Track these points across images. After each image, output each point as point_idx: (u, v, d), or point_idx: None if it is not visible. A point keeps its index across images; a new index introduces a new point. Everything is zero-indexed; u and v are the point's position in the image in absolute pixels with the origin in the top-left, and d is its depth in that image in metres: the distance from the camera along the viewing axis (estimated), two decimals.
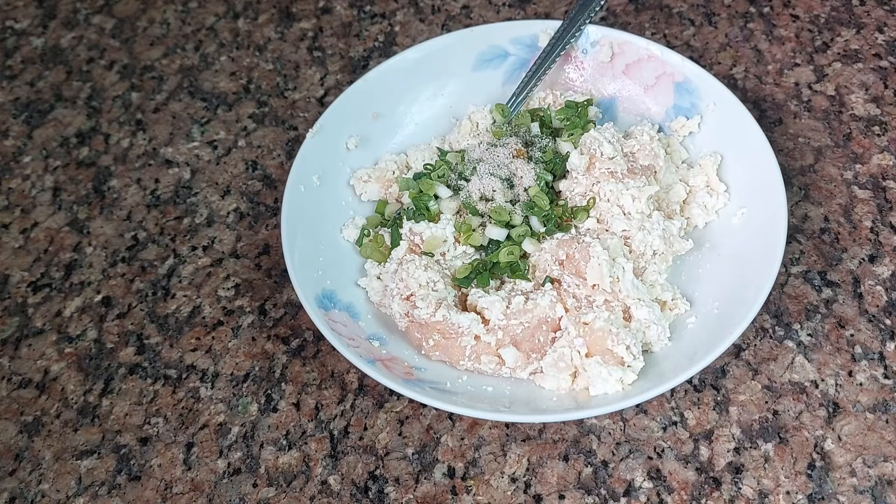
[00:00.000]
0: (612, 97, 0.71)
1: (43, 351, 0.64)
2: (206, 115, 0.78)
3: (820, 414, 0.57)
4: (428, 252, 0.61)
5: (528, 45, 0.71)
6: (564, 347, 0.56)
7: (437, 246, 0.61)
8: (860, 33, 0.78)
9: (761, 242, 0.58)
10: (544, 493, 0.55)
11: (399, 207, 0.66)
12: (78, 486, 0.58)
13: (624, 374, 0.54)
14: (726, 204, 0.64)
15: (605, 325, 0.55)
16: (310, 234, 0.63)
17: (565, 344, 0.56)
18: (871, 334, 0.60)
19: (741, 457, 0.56)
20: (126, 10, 0.88)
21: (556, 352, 0.56)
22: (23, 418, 0.61)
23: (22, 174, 0.75)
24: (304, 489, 0.56)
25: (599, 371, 0.54)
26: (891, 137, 0.70)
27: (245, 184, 0.73)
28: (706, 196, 0.64)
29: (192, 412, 0.60)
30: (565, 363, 0.55)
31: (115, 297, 0.67)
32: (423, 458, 0.57)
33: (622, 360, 0.55)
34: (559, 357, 0.55)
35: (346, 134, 0.68)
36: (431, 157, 0.68)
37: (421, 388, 0.54)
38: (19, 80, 0.83)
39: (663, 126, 0.68)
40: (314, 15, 0.85)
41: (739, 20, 0.80)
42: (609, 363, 0.54)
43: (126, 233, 0.71)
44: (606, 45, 0.70)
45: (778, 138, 0.71)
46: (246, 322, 0.64)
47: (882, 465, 0.55)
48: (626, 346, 0.55)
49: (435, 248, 0.61)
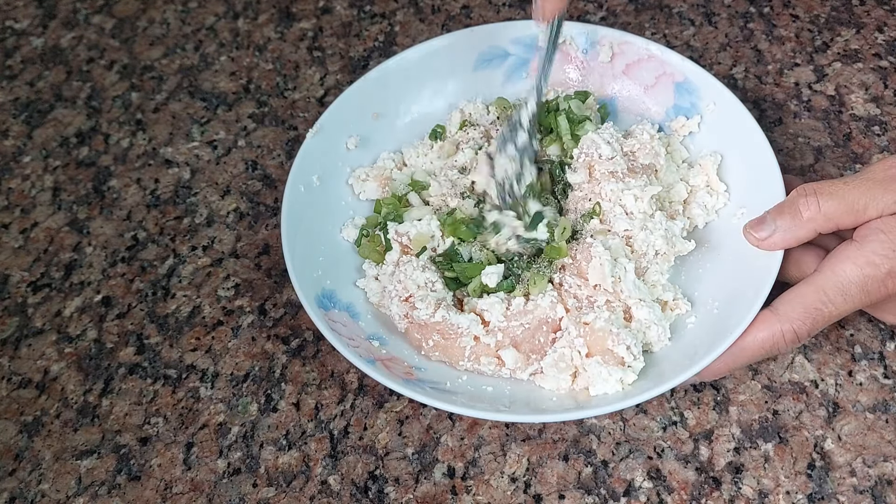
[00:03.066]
0: (612, 97, 0.71)
1: (43, 351, 0.64)
2: (206, 115, 0.78)
3: (820, 414, 0.57)
4: (417, 250, 0.61)
5: (528, 45, 0.71)
6: (565, 348, 0.56)
7: (425, 242, 0.61)
8: (860, 33, 0.78)
9: None
10: (544, 493, 0.55)
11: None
12: (78, 486, 0.58)
13: (624, 374, 0.54)
14: (726, 204, 0.64)
15: (605, 326, 0.55)
16: (309, 234, 0.63)
17: (566, 344, 0.56)
18: (871, 334, 0.60)
19: (741, 457, 0.56)
20: (126, 10, 0.88)
21: (557, 352, 0.56)
22: (23, 418, 0.61)
23: (22, 174, 0.75)
24: (304, 489, 0.56)
25: (600, 371, 0.54)
26: (891, 137, 0.70)
27: (245, 184, 0.73)
28: (706, 196, 0.64)
29: (192, 412, 0.60)
30: (566, 363, 0.55)
31: (115, 297, 0.67)
32: (423, 458, 0.57)
33: (622, 361, 0.55)
34: (559, 357, 0.55)
35: (346, 134, 0.68)
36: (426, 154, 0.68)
37: (421, 389, 0.54)
38: (19, 80, 0.83)
39: (663, 126, 0.68)
40: (314, 15, 0.85)
41: (739, 20, 0.80)
42: (609, 363, 0.54)
43: (126, 233, 0.71)
44: (606, 45, 0.70)
45: (778, 138, 0.71)
46: (246, 322, 0.64)
47: (882, 465, 0.55)
48: (627, 347, 0.54)
49: (424, 244, 0.61)
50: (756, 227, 0.56)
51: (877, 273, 0.52)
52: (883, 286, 0.52)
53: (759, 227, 0.56)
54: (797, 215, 0.54)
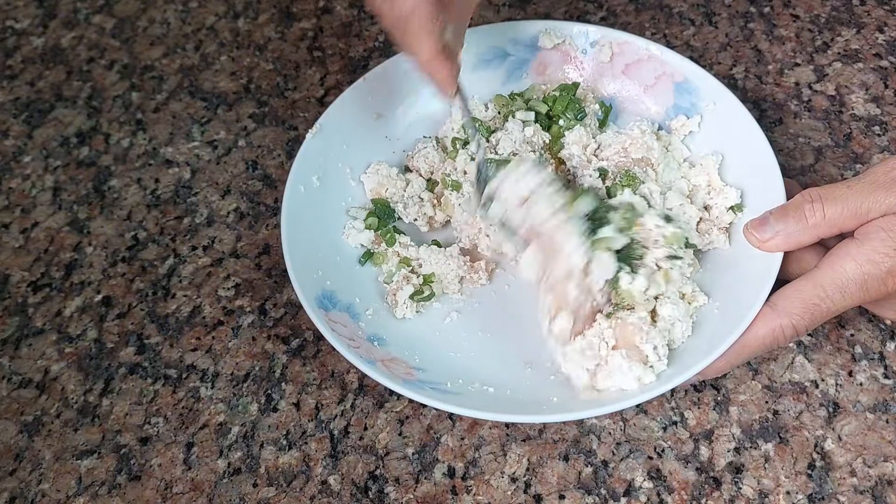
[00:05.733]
0: (612, 97, 0.71)
1: (43, 351, 0.64)
2: (206, 115, 0.78)
3: (820, 414, 0.57)
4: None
5: (528, 45, 0.71)
6: (594, 336, 0.55)
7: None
8: (860, 33, 0.78)
9: None
10: (544, 493, 0.55)
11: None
12: (78, 486, 0.58)
13: (644, 373, 0.54)
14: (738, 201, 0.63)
15: (637, 322, 0.55)
16: (310, 235, 0.63)
17: (595, 333, 0.56)
18: (871, 334, 0.60)
19: (741, 457, 0.56)
20: (126, 10, 0.88)
21: (586, 339, 0.55)
22: (23, 418, 0.61)
23: (22, 174, 0.75)
24: (304, 489, 0.56)
25: (621, 364, 0.54)
26: (891, 137, 0.70)
27: (245, 184, 0.73)
28: (717, 195, 0.64)
29: (192, 412, 0.60)
30: (593, 352, 0.55)
31: (115, 297, 0.67)
32: (423, 458, 0.57)
33: (646, 359, 0.55)
34: (588, 345, 0.55)
35: (347, 134, 0.68)
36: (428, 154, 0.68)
37: (421, 389, 0.54)
38: (19, 80, 0.83)
39: (663, 125, 0.69)
40: (314, 15, 0.85)
41: (739, 20, 0.80)
42: (633, 359, 0.54)
43: (126, 233, 0.71)
44: (606, 45, 0.70)
45: (778, 138, 0.71)
46: (246, 322, 0.64)
47: (882, 465, 0.55)
48: (654, 347, 0.54)
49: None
50: (758, 227, 0.56)
51: (877, 271, 0.52)
52: (883, 284, 0.52)
53: (761, 228, 0.56)
54: (802, 220, 0.54)
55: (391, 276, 0.62)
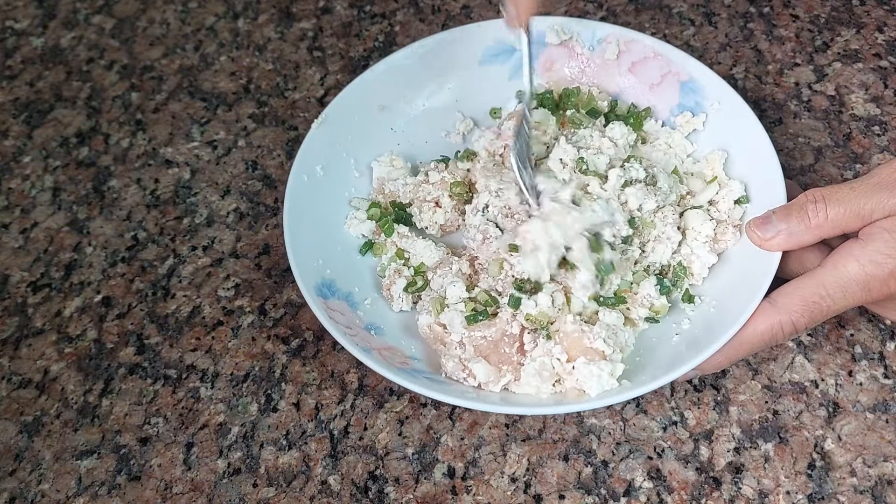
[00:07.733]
0: (617, 94, 0.71)
1: (43, 351, 0.64)
2: (206, 115, 0.78)
3: (820, 414, 0.57)
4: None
5: (534, 41, 0.71)
6: (543, 357, 0.55)
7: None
8: (860, 33, 0.78)
9: None
10: (544, 493, 0.55)
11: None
12: (78, 486, 0.58)
13: (612, 366, 0.54)
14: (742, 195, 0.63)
15: (574, 327, 0.55)
16: (311, 224, 0.63)
17: (543, 353, 0.55)
18: (871, 334, 0.60)
19: (741, 457, 0.56)
20: (126, 10, 0.88)
21: (536, 361, 0.55)
22: (23, 418, 0.61)
23: (22, 174, 0.75)
24: (304, 489, 0.56)
25: (590, 370, 0.54)
26: (891, 137, 0.70)
27: (245, 184, 0.73)
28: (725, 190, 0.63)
29: (192, 412, 0.60)
30: (548, 372, 0.55)
31: (115, 297, 0.67)
32: (423, 458, 0.57)
33: (604, 354, 0.54)
34: (541, 367, 0.55)
35: (351, 125, 0.68)
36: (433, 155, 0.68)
37: (417, 379, 0.54)
38: (19, 80, 0.83)
39: (667, 122, 0.69)
40: (314, 15, 0.85)
41: (739, 20, 0.80)
42: (594, 360, 0.54)
43: (126, 233, 0.71)
44: (613, 43, 0.70)
45: (778, 138, 0.71)
46: (246, 322, 0.64)
47: (882, 465, 0.55)
48: (602, 339, 0.54)
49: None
50: (760, 226, 0.56)
51: (880, 272, 0.52)
52: (885, 285, 0.52)
53: (763, 227, 0.56)
54: (804, 220, 0.54)
55: (384, 269, 0.63)
